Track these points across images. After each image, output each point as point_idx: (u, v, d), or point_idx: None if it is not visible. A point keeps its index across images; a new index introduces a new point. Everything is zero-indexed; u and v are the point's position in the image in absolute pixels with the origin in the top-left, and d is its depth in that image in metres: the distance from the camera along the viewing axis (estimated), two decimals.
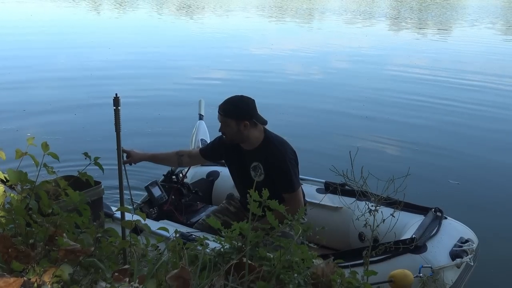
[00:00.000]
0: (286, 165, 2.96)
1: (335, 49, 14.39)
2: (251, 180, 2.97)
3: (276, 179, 2.96)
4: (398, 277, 2.21)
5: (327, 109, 7.89)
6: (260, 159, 2.99)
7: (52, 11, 22.06)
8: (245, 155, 3.06)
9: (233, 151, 3.11)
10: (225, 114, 2.95)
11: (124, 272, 1.30)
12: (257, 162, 3.00)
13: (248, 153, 3.04)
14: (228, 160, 3.25)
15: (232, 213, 3.26)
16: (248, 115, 2.94)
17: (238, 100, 2.99)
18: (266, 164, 2.98)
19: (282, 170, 2.95)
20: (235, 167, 3.19)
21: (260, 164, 2.99)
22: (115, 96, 1.86)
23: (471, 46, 15.39)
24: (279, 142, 3.03)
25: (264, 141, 3.00)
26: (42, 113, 7.27)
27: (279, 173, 2.96)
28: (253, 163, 3.02)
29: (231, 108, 2.96)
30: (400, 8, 29.57)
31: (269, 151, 2.98)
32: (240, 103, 2.98)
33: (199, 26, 18.85)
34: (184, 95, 8.62)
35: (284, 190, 2.97)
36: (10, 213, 1.45)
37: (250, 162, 3.03)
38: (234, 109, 2.96)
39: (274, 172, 2.96)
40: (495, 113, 8.03)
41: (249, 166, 3.03)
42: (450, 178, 5.34)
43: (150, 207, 3.53)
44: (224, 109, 2.96)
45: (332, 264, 1.37)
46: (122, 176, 1.88)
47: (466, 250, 2.77)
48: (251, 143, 3.01)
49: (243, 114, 2.93)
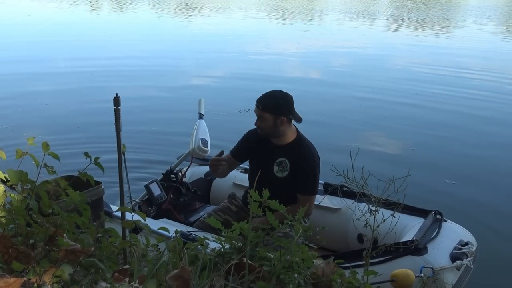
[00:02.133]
0: (314, 168, 3.00)
1: (335, 49, 14.40)
2: (271, 175, 3.01)
3: (299, 179, 2.99)
4: (400, 276, 2.21)
5: (327, 109, 7.90)
6: (289, 156, 3.01)
7: (51, 11, 22.04)
8: (272, 150, 3.07)
9: (260, 144, 3.12)
10: (264, 108, 2.95)
11: (124, 272, 1.30)
12: (284, 158, 3.02)
13: (277, 148, 3.06)
14: (252, 153, 3.23)
15: (233, 212, 3.27)
16: (286, 111, 2.96)
17: (279, 95, 3.00)
18: (294, 162, 3.00)
19: (309, 172, 2.99)
20: (257, 160, 3.19)
21: (287, 160, 3.01)
22: (115, 96, 1.85)
23: (471, 46, 15.41)
24: (311, 144, 3.07)
25: (297, 139, 3.03)
26: (38, 112, 7.28)
27: (304, 173, 2.99)
28: (280, 159, 3.03)
29: (270, 103, 2.96)
30: (400, 8, 29.59)
31: (300, 150, 3.01)
32: (280, 98, 2.99)
33: (199, 26, 18.86)
34: (184, 95, 8.63)
35: (302, 191, 3.01)
36: (10, 213, 1.44)
37: (276, 157, 3.04)
38: (274, 104, 2.96)
39: (299, 171, 2.99)
40: (496, 113, 8.04)
41: (274, 160, 3.04)
42: (451, 180, 5.34)
43: (149, 206, 3.55)
44: (263, 103, 2.96)
45: (332, 264, 1.37)
46: (122, 176, 1.88)
47: (466, 253, 2.78)
48: (284, 139, 3.04)
49: (281, 110, 2.95)
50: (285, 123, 2.97)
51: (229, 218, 3.19)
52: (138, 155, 5.53)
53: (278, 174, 3.03)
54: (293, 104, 2.99)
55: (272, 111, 2.94)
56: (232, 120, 6.95)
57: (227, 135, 5.90)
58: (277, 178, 3.02)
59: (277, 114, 2.94)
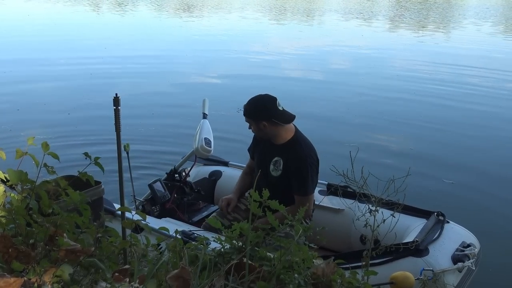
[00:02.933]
0: (306, 168, 3.01)
1: (334, 49, 14.38)
2: (268, 174, 3.08)
3: (293, 179, 3.02)
4: (399, 279, 2.21)
5: (327, 109, 7.90)
6: (282, 155, 3.05)
7: (50, 11, 22.09)
8: (270, 149, 3.12)
9: (262, 144, 3.20)
10: (246, 115, 3.06)
11: (125, 272, 1.30)
12: (278, 157, 3.07)
13: (274, 147, 3.11)
14: (256, 152, 3.30)
15: (242, 211, 3.29)
16: (266, 116, 2.99)
17: (257, 100, 3.05)
18: (286, 162, 3.04)
19: (300, 172, 3.01)
20: (258, 160, 3.26)
21: (281, 159, 3.06)
22: (115, 96, 1.85)
23: (470, 46, 15.37)
24: (306, 144, 3.09)
25: (292, 139, 3.07)
26: (37, 112, 7.29)
27: (296, 173, 3.01)
28: (275, 158, 3.08)
29: (249, 109, 3.04)
30: (400, 8, 29.56)
31: (293, 150, 3.04)
32: (258, 104, 3.03)
33: (199, 26, 18.87)
34: (185, 94, 8.65)
35: (296, 191, 3.04)
36: (10, 213, 1.45)
37: (272, 156, 3.09)
38: (252, 110, 3.04)
39: (291, 171, 3.02)
40: (496, 113, 8.02)
41: (270, 159, 3.10)
42: (451, 180, 5.32)
43: (152, 205, 3.56)
44: (245, 110, 3.06)
45: (332, 264, 1.36)
46: (122, 175, 1.88)
47: (468, 255, 2.76)
48: (280, 139, 3.08)
49: (260, 115, 3.00)
50: (268, 127, 3.01)
51: (239, 216, 3.22)
52: (142, 154, 5.55)
53: (273, 173, 3.08)
54: (274, 106, 3.00)
55: (252, 117, 3.03)
56: (231, 120, 6.99)
57: (227, 135, 5.93)
58: (272, 177, 3.08)
59: (258, 119, 3.01)
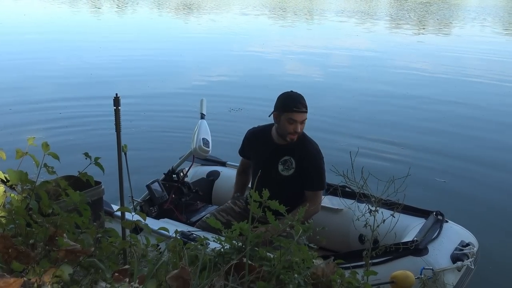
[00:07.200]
0: (321, 163, 3.04)
1: (334, 50, 14.39)
2: (276, 174, 3.05)
3: (307, 176, 3.02)
4: (400, 278, 2.21)
5: (327, 109, 7.89)
6: (294, 154, 3.04)
7: (49, 11, 22.06)
8: (276, 149, 3.10)
9: (262, 144, 3.17)
10: (306, 109, 3.02)
11: (124, 272, 1.29)
12: (289, 156, 3.05)
13: (281, 147, 3.08)
14: (255, 153, 3.26)
15: (236, 213, 3.27)
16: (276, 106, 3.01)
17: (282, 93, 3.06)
18: (300, 160, 3.03)
19: (317, 168, 3.03)
20: (259, 160, 3.21)
21: (292, 158, 3.05)
22: (115, 96, 1.85)
23: (470, 46, 15.38)
24: (315, 142, 3.11)
25: (300, 137, 3.05)
26: (37, 112, 7.28)
27: (312, 170, 3.03)
28: (284, 157, 3.06)
29: (306, 103, 3.02)
30: (400, 8, 29.57)
31: (305, 147, 3.04)
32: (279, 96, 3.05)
33: (198, 26, 18.87)
34: (184, 94, 8.64)
35: (311, 187, 3.05)
36: (10, 213, 1.44)
37: (280, 156, 3.07)
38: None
39: (307, 168, 3.02)
40: (497, 113, 8.02)
41: (278, 160, 3.07)
42: (452, 180, 5.32)
43: (150, 206, 3.55)
44: (304, 104, 3.02)
45: (332, 264, 1.37)
46: (122, 176, 1.88)
47: (467, 254, 2.77)
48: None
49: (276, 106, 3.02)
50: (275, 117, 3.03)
51: (232, 219, 3.19)
52: (140, 154, 5.53)
53: (284, 172, 3.06)
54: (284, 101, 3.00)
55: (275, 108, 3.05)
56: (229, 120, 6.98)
57: (225, 135, 5.92)
58: (282, 177, 3.06)
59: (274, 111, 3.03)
